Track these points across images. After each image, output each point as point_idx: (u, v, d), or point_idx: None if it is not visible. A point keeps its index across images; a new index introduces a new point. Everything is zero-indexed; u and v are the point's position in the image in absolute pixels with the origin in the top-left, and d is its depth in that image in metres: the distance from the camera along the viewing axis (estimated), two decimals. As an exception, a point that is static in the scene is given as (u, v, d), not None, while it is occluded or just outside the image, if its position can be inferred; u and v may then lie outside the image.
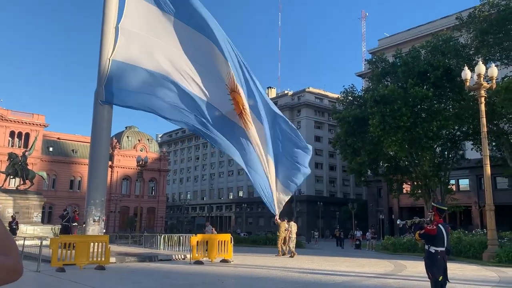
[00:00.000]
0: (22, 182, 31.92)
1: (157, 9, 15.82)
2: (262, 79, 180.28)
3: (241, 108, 14.79)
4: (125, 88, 15.49)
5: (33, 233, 25.71)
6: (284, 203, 16.02)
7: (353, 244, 36.37)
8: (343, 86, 67.74)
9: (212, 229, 22.62)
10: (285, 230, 20.64)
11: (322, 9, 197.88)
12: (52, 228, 28.89)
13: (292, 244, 20.40)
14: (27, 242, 15.84)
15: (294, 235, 20.73)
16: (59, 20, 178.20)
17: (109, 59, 15.90)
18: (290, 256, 19.71)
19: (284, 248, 20.69)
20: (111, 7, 17.22)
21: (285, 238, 20.68)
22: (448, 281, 7.37)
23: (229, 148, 15.18)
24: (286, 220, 21.45)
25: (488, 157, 19.01)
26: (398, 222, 8.14)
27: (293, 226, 21.06)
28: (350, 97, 38.45)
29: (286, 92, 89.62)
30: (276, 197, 15.37)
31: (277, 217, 19.18)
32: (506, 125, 30.19)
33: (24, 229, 26.37)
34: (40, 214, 31.56)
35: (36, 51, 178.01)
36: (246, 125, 14.90)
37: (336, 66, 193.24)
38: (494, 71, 18.58)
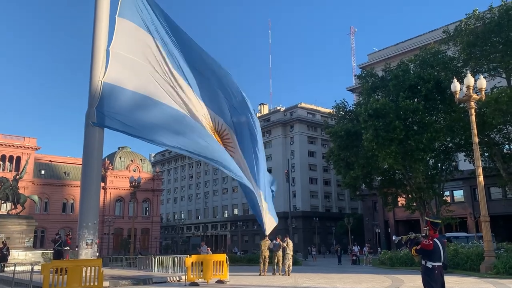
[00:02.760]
0: (13, 207, 31.52)
1: (146, 33, 16.02)
2: (254, 96, 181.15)
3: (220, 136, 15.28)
4: (116, 111, 15.45)
5: (24, 259, 25.24)
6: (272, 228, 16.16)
7: (350, 259, 36.08)
8: (335, 101, 68.45)
9: (207, 249, 22.34)
10: (272, 248, 20.14)
11: (312, 26, 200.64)
12: (42, 253, 28.27)
13: (289, 262, 19.94)
14: (18, 268, 15.50)
15: (291, 253, 20.31)
16: (50, 39, 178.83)
17: (101, 81, 15.89)
18: (285, 275, 19.28)
19: (264, 267, 19.99)
20: (101, 29, 17.25)
21: (266, 256, 20.01)
22: (447, 296, 7.28)
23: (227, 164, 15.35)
24: (278, 238, 21.04)
25: (481, 168, 19.05)
26: (394, 238, 8.07)
27: (290, 244, 20.65)
28: (341, 112, 38.71)
29: (278, 108, 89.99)
30: (267, 218, 15.46)
31: (267, 237, 19.06)
32: (497, 135, 30.41)
33: (16, 254, 25.89)
34: (32, 239, 31.09)
35: (26, 72, 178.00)
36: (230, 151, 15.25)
37: (327, 81, 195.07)
38: (482, 82, 18.80)
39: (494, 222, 25.40)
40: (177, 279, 17.26)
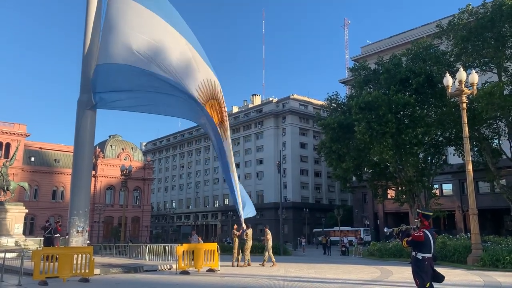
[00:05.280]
0: (2, 193, 31.29)
1: (138, 4, 15.92)
2: (247, 86, 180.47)
3: (222, 116, 15.28)
4: (111, 90, 15.47)
5: (14, 246, 25.15)
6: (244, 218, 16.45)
7: (340, 250, 36.45)
8: (327, 93, 68.53)
9: (198, 238, 22.39)
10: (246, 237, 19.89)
11: (306, 17, 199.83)
12: (16, 241, 27.33)
13: (269, 253, 19.47)
14: (8, 255, 15.46)
15: (270, 243, 19.86)
16: (41, 24, 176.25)
17: (93, 66, 15.82)
18: (270, 265, 19.10)
19: (239, 256, 19.58)
20: (92, 12, 17.26)
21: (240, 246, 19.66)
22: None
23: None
24: (248, 227, 20.58)
25: (471, 162, 19.26)
26: (385, 230, 8.20)
27: (269, 234, 20.18)
28: (334, 104, 38.79)
29: (270, 99, 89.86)
30: (241, 207, 15.82)
31: (243, 226, 19.09)
32: (486, 130, 30.73)
33: (5, 241, 25.79)
34: (22, 226, 30.90)
35: (16, 57, 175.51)
36: (224, 135, 15.37)
37: (320, 73, 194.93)
38: (474, 77, 18.94)
39: (482, 216, 25.73)
40: (168, 267, 17.34)
